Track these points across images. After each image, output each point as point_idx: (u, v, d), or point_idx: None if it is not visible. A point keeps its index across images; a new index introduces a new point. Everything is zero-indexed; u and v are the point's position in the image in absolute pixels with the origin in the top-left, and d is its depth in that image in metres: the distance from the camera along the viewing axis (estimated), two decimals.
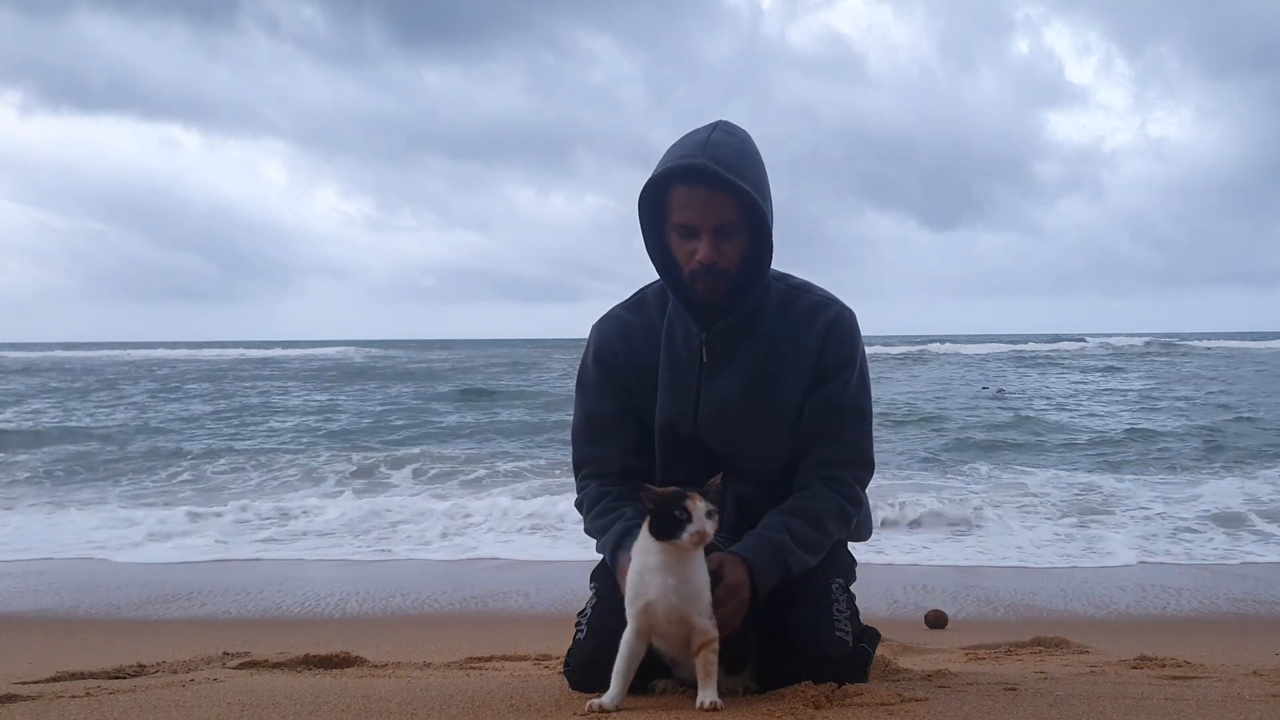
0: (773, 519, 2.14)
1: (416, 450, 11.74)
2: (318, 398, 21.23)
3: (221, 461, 11.02)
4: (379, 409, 17.99)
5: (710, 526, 1.87)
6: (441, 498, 8.64)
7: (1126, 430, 13.24)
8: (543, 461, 10.73)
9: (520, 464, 10.59)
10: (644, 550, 1.93)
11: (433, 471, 10.17)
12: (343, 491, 9.17)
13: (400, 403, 19.55)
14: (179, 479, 10.01)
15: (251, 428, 15.23)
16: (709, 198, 2.08)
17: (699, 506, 1.87)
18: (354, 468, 10.37)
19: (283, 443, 13.24)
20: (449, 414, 16.84)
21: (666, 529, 1.88)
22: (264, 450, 12.22)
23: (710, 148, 2.07)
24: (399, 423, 15.54)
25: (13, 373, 32.13)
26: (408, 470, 10.24)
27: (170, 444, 12.84)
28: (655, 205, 2.18)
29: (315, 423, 15.83)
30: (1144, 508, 8.01)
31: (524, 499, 8.23)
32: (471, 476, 9.87)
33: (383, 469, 10.31)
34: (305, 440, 13.47)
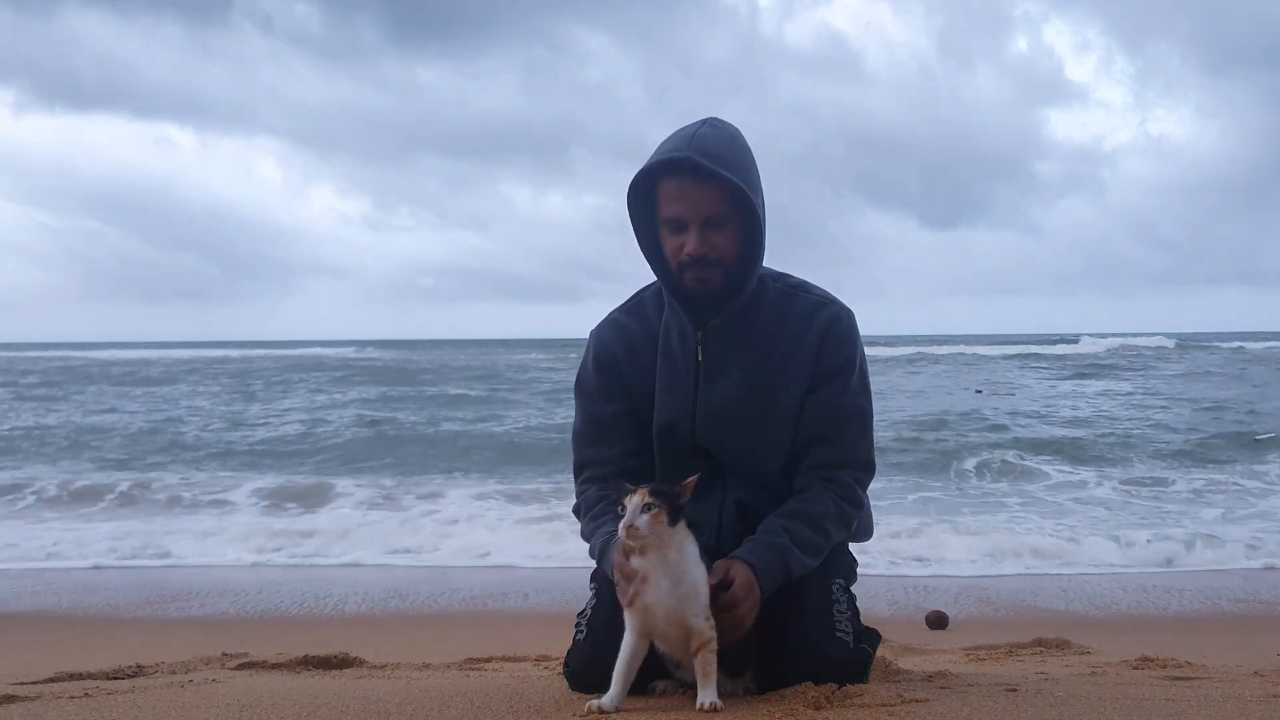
0: (772, 523, 2.13)
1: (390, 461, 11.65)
2: (315, 398, 21.21)
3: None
4: (370, 413, 17.86)
5: (642, 521, 1.85)
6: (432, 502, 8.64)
7: (1138, 432, 13.16)
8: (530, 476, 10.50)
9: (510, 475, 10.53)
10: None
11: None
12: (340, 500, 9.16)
13: (393, 406, 19.47)
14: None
15: (244, 427, 15.21)
16: (695, 190, 2.07)
17: (634, 502, 1.87)
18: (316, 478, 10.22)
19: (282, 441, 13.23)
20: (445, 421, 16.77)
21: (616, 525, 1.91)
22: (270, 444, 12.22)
23: (696, 141, 2.07)
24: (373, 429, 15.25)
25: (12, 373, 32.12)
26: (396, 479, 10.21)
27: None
28: (646, 201, 2.17)
29: (308, 425, 15.80)
30: (1150, 510, 8.01)
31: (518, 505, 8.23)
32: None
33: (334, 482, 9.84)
34: (292, 444, 13.46)
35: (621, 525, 1.87)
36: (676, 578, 1.91)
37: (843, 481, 2.20)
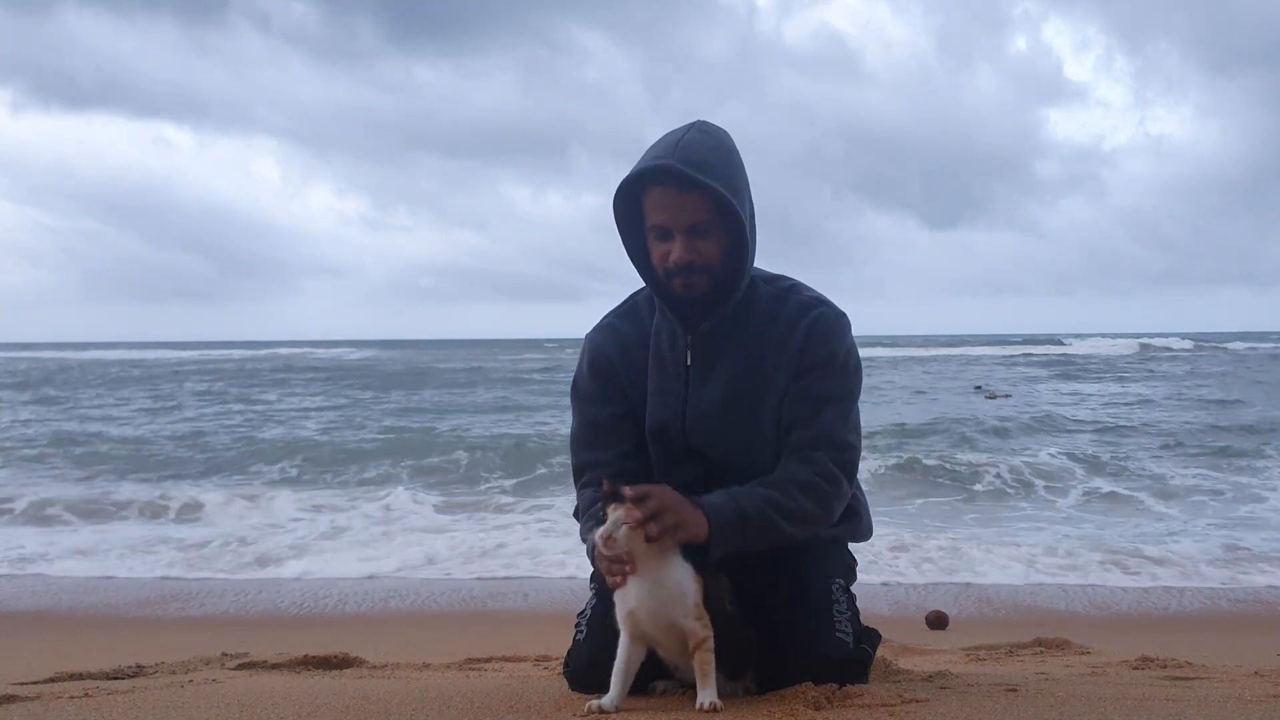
0: (735, 486, 2.11)
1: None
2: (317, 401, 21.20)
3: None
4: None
5: (621, 534, 1.86)
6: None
7: (1142, 436, 13.05)
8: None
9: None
10: None
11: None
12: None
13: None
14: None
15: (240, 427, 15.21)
16: (679, 198, 2.07)
17: (616, 515, 1.88)
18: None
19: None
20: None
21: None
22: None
23: (682, 148, 2.06)
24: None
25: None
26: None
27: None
28: (633, 206, 2.18)
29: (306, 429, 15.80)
30: (1151, 510, 8.00)
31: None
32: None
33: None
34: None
35: (600, 534, 1.88)
36: (657, 581, 1.91)
37: (818, 459, 2.15)
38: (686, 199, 2.07)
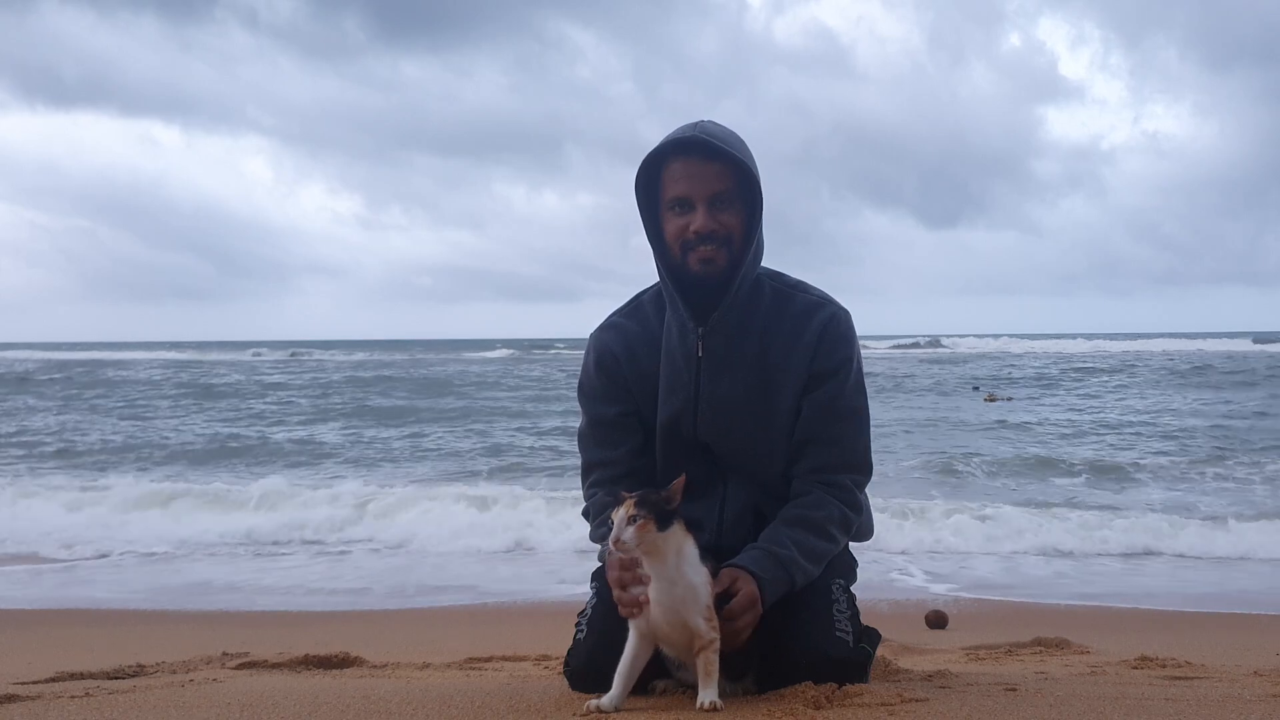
0: (777, 532, 2.13)
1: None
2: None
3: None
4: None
5: (628, 534, 1.87)
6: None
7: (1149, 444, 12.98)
8: None
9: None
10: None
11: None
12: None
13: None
14: None
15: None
16: (702, 167, 2.13)
17: (620, 515, 1.89)
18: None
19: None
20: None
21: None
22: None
23: (702, 126, 2.16)
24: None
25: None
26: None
27: None
28: (650, 191, 2.21)
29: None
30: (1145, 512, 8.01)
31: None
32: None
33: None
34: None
35: (610, 540, 1.90)
36: (673, 580, 1.91)
37: (843, 485, 2.20)
38: (709, 168, 2.13)
